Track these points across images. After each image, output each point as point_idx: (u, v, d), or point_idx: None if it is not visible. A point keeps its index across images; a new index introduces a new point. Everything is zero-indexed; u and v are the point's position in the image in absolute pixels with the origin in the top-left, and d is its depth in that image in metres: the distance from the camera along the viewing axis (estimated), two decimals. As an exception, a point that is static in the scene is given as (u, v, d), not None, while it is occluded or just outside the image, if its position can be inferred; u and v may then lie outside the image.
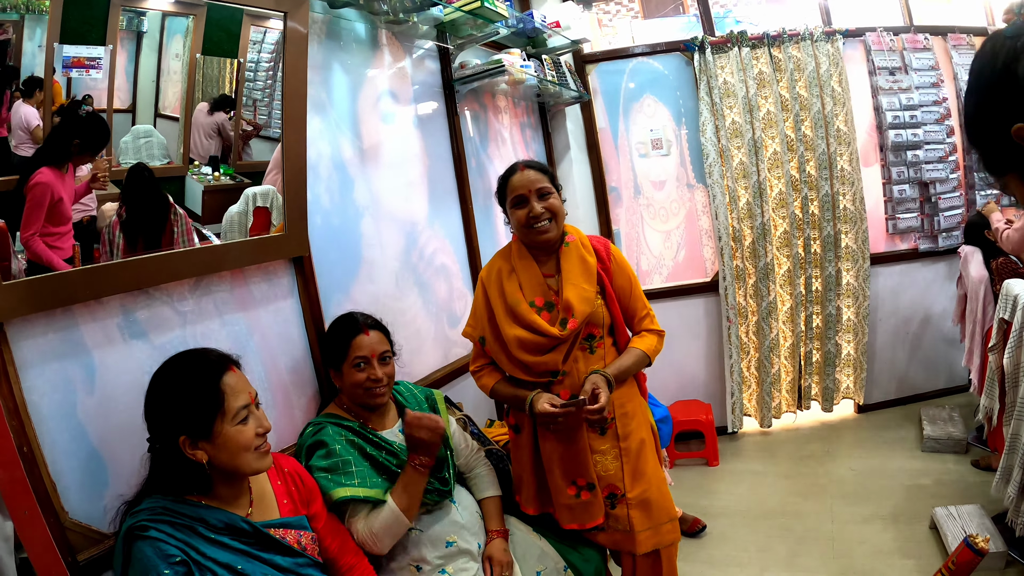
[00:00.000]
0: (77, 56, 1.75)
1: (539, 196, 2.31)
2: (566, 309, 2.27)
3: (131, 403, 1.70)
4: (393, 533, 1.96)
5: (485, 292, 2.42)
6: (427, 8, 2.84)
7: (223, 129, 2.20)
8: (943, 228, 4.76)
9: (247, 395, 1.58)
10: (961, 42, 4.85)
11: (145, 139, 1.95)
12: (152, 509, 1.49)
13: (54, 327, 1.60)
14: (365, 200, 2.68)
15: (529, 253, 2.40)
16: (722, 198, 4.53)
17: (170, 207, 1.95)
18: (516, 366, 2.32)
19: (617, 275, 2.44)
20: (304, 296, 2.32)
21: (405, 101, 3.02)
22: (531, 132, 4.32)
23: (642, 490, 2.36)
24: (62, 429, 1.59)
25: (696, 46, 4.50)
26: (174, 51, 2.02)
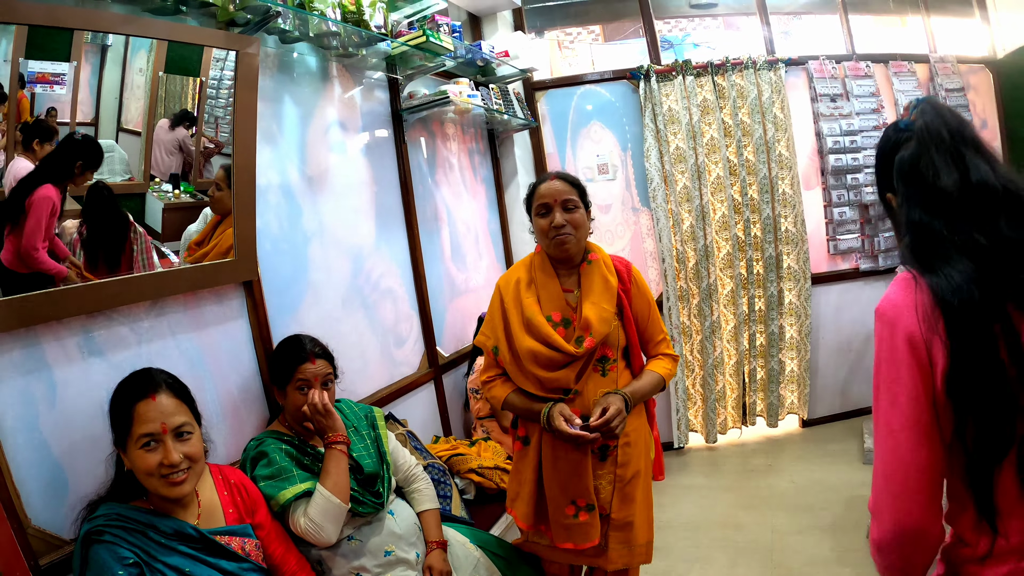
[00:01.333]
0: (42, 71, 1.82)
1: (564, 208, 2.32)
2: (584, 327, 2.29)
3: (90, 417, 1.88)
4: (330, 516, 2.07)
5: (502, 301, 2.43)
6: (375, 43, 3.02)
7: (184, 146, 2.27)
8: (883, 248, 5.04)
9: (158, 425, 1.68)
10: (902, 69, 5.15)
11: (107, 154, 2.01)
12: (108, 515, 1.66)
13: (19, 344, 1.76)
14: (313, 226, 2.85)
15: (551, 266, 2.42)
16: (666, 221, 4.75)
17: (130, 225, 2.06)
18: (528, 379, 2.34)
19: (637, 298, 2.47)
20: (254, 318, 2.48)
21: (354, 130, 3.19)
22: (479, 158, 4.50)
23: (627, 513, 2.40)
24: (25, 441, 1.75)
25: (642, 74, 4.74)
26: (138, 66, 2.08)
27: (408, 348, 3.46)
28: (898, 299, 1.27)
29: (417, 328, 3.55)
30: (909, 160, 1.33)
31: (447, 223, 3.96)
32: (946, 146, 1.28)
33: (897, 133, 1.39)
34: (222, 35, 2.31)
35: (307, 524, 2.05)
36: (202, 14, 2.34)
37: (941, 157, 1.28)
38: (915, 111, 1.35)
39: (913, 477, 1.20)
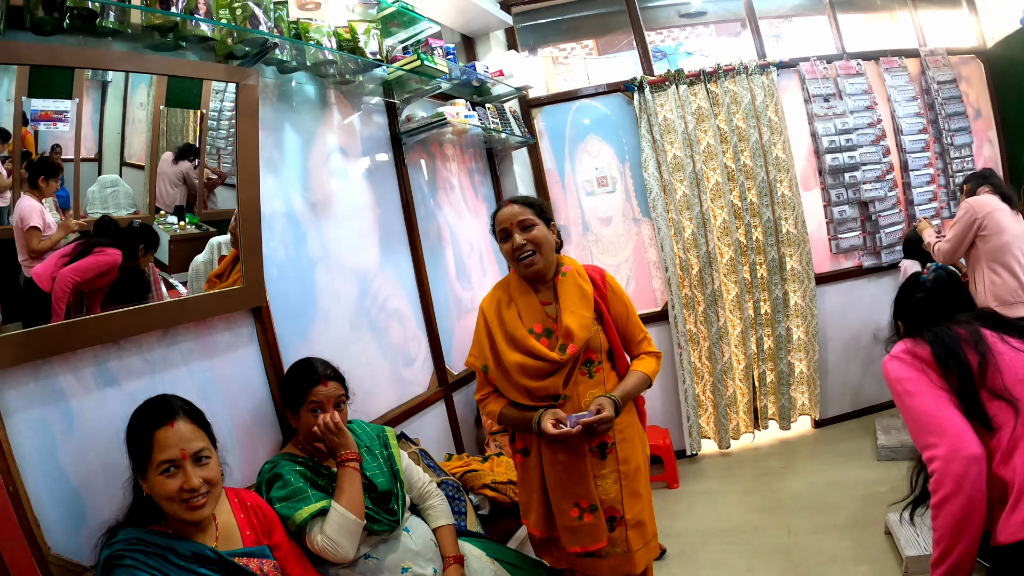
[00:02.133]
0: (45, 109, 1.87)
1: (521, 228, 2.41)
2: (565, 335, 2.37)
3: (106, 445, 1.91)
4: (346, 532, 2.10)
5: (486, 321, 2.52)
6: (371, 69, 3.07)
7: (188, 178, 2.32)
8: (885, 244, 5.06)
9: (178, 451, 1.72)
10: (893, 64, 5.19)
11: (112, 188, 2.06)
12: (127, 540, 1.69)
13: (35, 376, 1.80)
14: (318, 251, 2.89)
15: (527, 283, 2.51)
16: (667, 230, 4.78)
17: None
18: (518, 391, 2.42)
19: (613, 302, 2.56)
20: (264, 343, 2.52)
21: (354, 155, 3.24)
22: (479, 177, 4.54)
23: (638, 510, 2.47)
24: (44, 470, 1.79)
25: (635, 86, 4.78)
26: (139, 100, 2.12)
27: (417, 368, 3.48)
28: (900, 348, 2.03)
29: (425, 347, 3.58)
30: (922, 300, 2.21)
31: (450, 242, 3.99)
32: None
33: (920, 283, 2.23)
34: (222, 68, 2.36)
35: (324, 541, 2.07)
36: (201, 48, 2.40)
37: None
38: (932, 273, 2.23)
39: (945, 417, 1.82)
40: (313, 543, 2.09)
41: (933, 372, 1.92)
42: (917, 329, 2.06)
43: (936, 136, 5.28)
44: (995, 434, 1.80)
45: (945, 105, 5.21)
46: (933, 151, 5.25)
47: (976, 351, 1.91)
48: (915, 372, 1.94)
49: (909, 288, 2.26)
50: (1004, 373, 1.86)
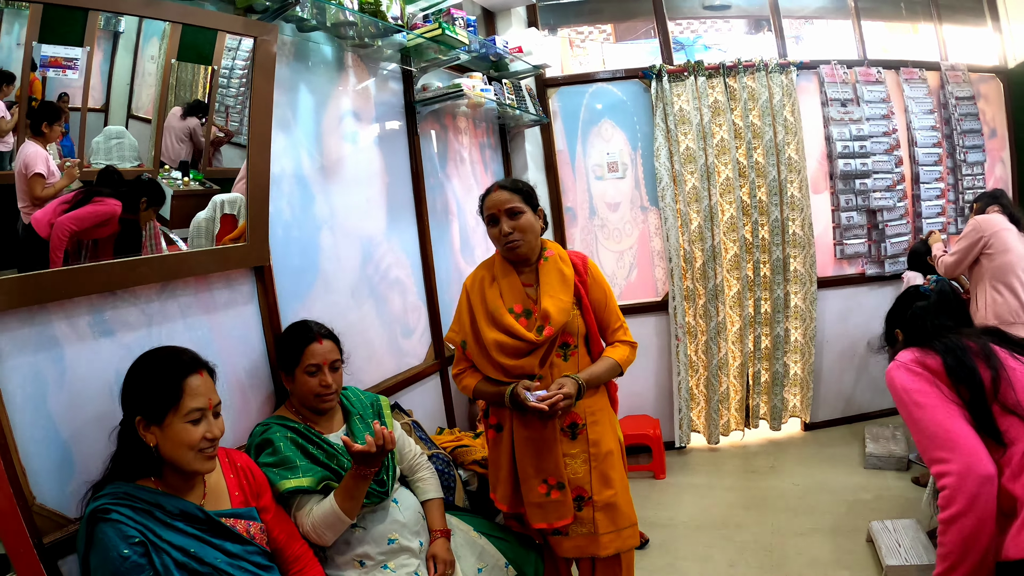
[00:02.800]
0: (55, 56, 1.82)
1: (509, 215, 2.45)
2: (543, 317, 2.41)
3: (98, 397, 1.88)
4: (334, 529, 2.10)
5: (468, 298, 2.57)
6: (391, 34, 3.01)
7: (195, 134, 2.28)
8: (889, 254, 5.03)
9: (206, 400, 1.73)
10: (913, 76, 5.14)
11: (116, 140, 2.02)
12: (115, 494, 1.65)
13: (29, 322, 1.75)
14: (325, 214, 2.84)
15: (510, 264, 2.55)
16: (674, 221, 4.75)
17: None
18: (495, 368, 2.46)
19: (593, 288, 2.59)
20: (264, 303, 2.48)
21: (367, 121, 3.19)
22: (490, 152, 4.49)
23: (609, 494, 2.49)
24: (33, 419, 1.74)
25: (654, 74, 4.73)
26: (150, 53, 2.07)
27: (415, 339, 3.46)
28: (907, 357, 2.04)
29: (425, 319, 3.55)
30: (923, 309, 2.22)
31: (457, 216, 3.96)
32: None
33: (920, 294, 2.26)
34: (241, 21, 2.29)
35: (310, 526, 2.08)
36: (220, 0, 2.34)
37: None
38: (935, 283, 2.28)
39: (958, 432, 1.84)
40: (301, 523, 2.09)
41: (944, 384, 1.91)
42: (925, 339, 2.06)
43: (950, 151, 5.25)
44: (1006, 449, 1.82)
45: (961, 121, 5.18)
46: (945, 166, 5.22)
47: (989, 365, 1.89)
48: (925, 383, 1.93)
49: (909, 297, 2.28)
50: (1017, 388, 1.85)
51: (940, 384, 1.92)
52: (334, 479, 2.17)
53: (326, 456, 2.21)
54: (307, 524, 2.08)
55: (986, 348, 1.94)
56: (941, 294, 2.21)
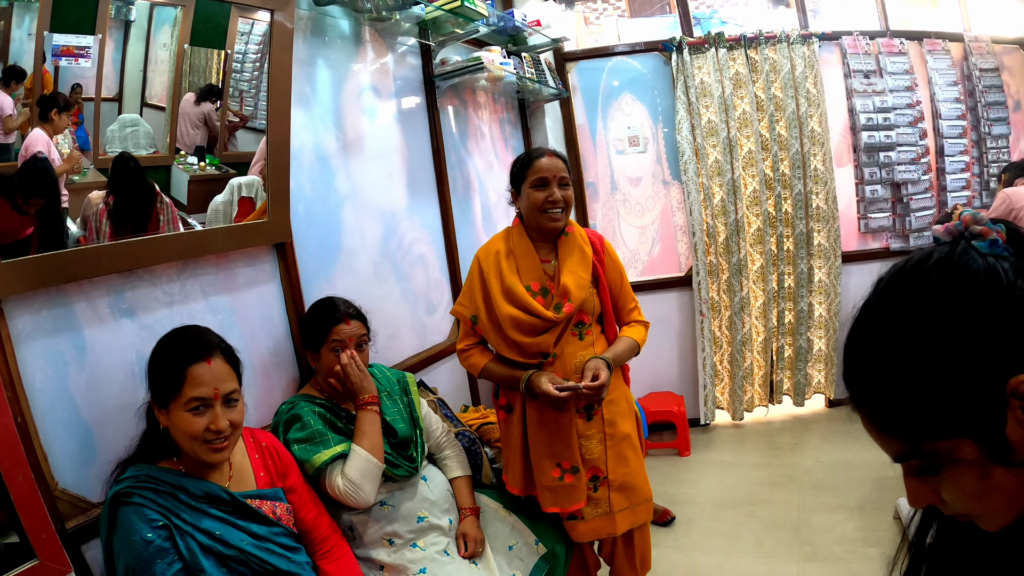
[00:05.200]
0: (67, 45, 1.78)
1: (560, 184, 2.40)
2: (562, 294, 2.35)
3: (119, 379, 1.83)
4: (369, 476, 2.05)
5: (481, 271, 2.48)
6: (409, 7, 2.93)
7: (209, 119, 2.24)
8: (914, 228, 4.90)
9: (211, 390, 1.64)
10: (936, 47, 5.00)
11: (131, 128, 1.99)
12: (137, 477, 1.61)
13: (48, 304, 1.70)
14: (346, 190, 2.78)
15: (529, 238, 2.49)
16: (697, 195, 4.65)
17: (156, 195, 2.01)
18: (509, 346, 2.39)
19: (610, 268, 2.54)
20: (286, 281, 2.43)
21: (387, 96, 3.12)
22: (510, 128, 4.42)
23: (624, 473, 2.46)
24: (54, 402, 1.69)
25: (674, 46, 4.62)
26: (161, 41, 2.04)
27: (439, 316, 3.40)
28: None
29: (448, 295, 3.49)
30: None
31: (478, 191, 3.90)
32: None
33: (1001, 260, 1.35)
34: (256, -9, 2.24)
35: (346, 485, 2.02)
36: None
37: None
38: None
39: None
40: (334, 487, 2.03)
41: None
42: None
43: (974, 124, 5.11)
44: None
45: (986, 93, 5.03)
46: (970, 138, 5.08)
47: None
48: None
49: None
50: None
51: None
52: None
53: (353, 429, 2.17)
54: (341, 484, 2.02)
55: None
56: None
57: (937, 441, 0.80)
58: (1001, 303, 0.76)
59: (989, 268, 0.78)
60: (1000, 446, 0.76)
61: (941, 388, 0.77)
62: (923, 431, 0.80)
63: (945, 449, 0.80)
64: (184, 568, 1.57)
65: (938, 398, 0.78)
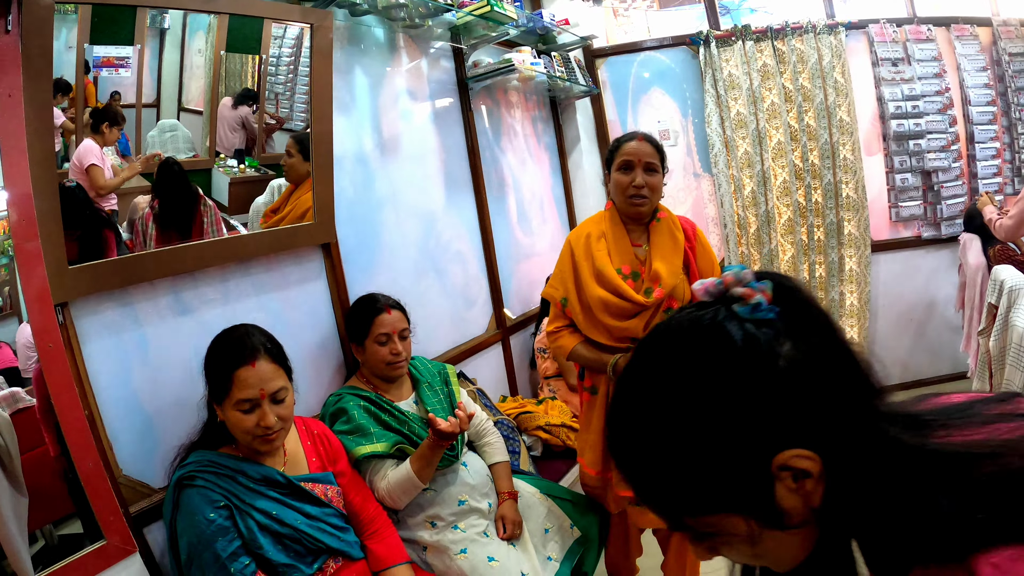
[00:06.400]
0: (107, 56, 1.85)
1: (645, 169, 2.35)
2: (654, 279, 2.33)
3: (178, 373, 1.94)
4: (408, 492, 2.14)
5: (572, 254, 2.44)
6: (441, 13, 3.01)
7: (247, 123, 2.30)
8: (946, 216, 4.85)
9: (257, 391, 1.73)
10: (964, 33, 4.93)
11: (171, 133, 2.06)
12: (199, 461, 1.73)
13: (112, 305, 1.82)
14: (386, 191, 2.87)
15: (621, 221, 2.45)
16: (727, 187, 4.67)
17: (199, 199, 2.10)
18: (597, 329, 2.37)
19: (701, 255, 2.50)
20: (332, 279, 2.53)
21: (422, 99, 3.20)
22: (542, 125, 4.46)
23: None
24: (118, 396, 1.82)
25: (701, 40, 4.63)
26: (196, 47, 2.10)
27: (477, 309, 3.47)
28: None
29: (486, 290, 3.56)
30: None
31: (513, 189, 3.95)
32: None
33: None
34: (297, 9, 2.33)
35: (386, 490, 2.13)
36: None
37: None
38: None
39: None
40: (374, 486, 2.14)
41: None
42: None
43: (1004, 109, 5.01)
44: None
45: (1015, 78, 4.94)
46: (1000, 124, 5.00)
47: None
48: None
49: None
50: None
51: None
52: (406, 443, 2.21)
53: (397, 423, 2.25)
54: (382, 488, 2.12)
55: None
56: None
57: (702, 517, 0.78)
58: (759, 376, 0.72)
59: (747, 337, 0.74)
60: (772, 514, 0.74)
61: (700, 465, 0.74)
62: (685, 507, 0.78)
63: (712, 523, 0.77)
64: (243, 545, 1.69)
65: (698, 475, 0.75)
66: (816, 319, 0.78)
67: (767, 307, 0.75)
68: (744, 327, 0.73)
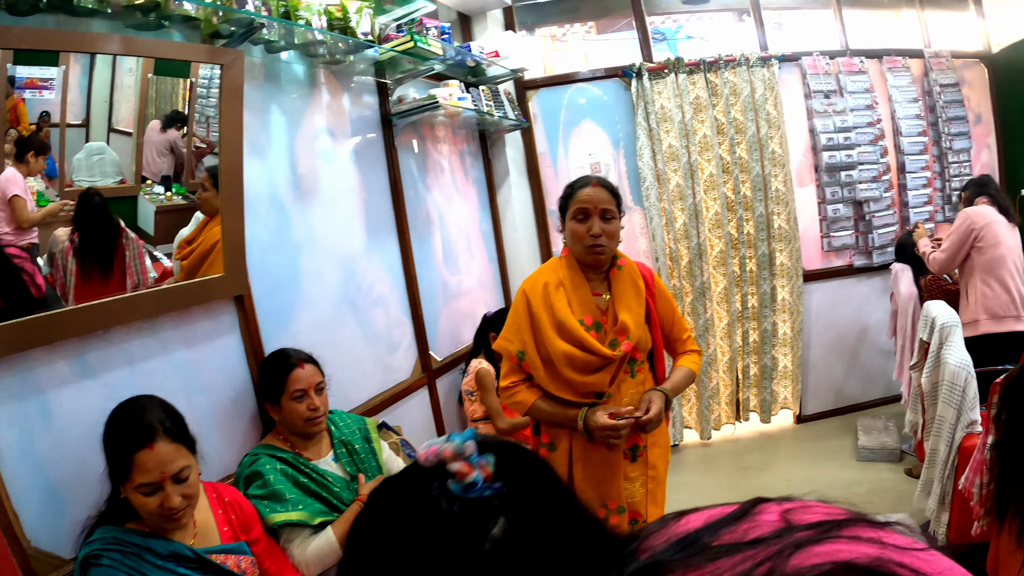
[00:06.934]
0: (30, 77, 1.82)
1: (602, 217, 2.33)
2: (620, 331, 2.31)
3: (84, 439, 1.90)
4: (326, 563, 2.14)
5: (528, 304, 2.39)
6: (362, 50, 3.02)
7: (176, 147, 2.27)
8: (877, 245, 5.11)
9: (157, 474, 1.69)
10: (896, 64, 5.20)
11: (98, 156, 2.02)
12: (104, 539, 1.71)
13: (12, 370, 1.79)
14: (303, 236, 2.86)
15: (580, 270, 2.41)
16: (659, 220, 4.81)
17: (121, 231, 2.07)
18: (559, 383, 2.34)
19: (661, 301, 2.51)
20: (245, 332, 2.51)
21: (343, 137, 3.21)
22: (471, 159, 4.52)
23: (657, 514, 2.42)
24: (22, 465, 1.78)
25: (634, 72, 4.78)
26: (127, 66, 2.08)
27: (401, 354, 3.49)
28: None
29: (410, 333, 3.59)
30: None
31: (439, 227, 3.99)
32: None
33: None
34: (205, 49, 2.32)
35: (301, 559, 2.12)
36: (186, 27, 2.34)
37: None
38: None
39: None
40: (290, 553, 2.13)
41: None
42: None
43: (935, 139, 5.31)
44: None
45: (946, 108, 5.24)
46: (931, 154, 5.29)
47: None
48: None
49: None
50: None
51: None
52: (328, 512, 2.21)
53: (316, 484, 2.25)
54: (298, 557, 2.12)
55: None
56: None
57: None
58: (462, 559, 0.69)
59: (453, 519, 0.71)
60: None
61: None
62: None
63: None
64: (154, 625, 1.69)
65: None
66: (545, 490, 0.77)
67: (483, 485, 0.72)
68: (453, 507, 0.70)
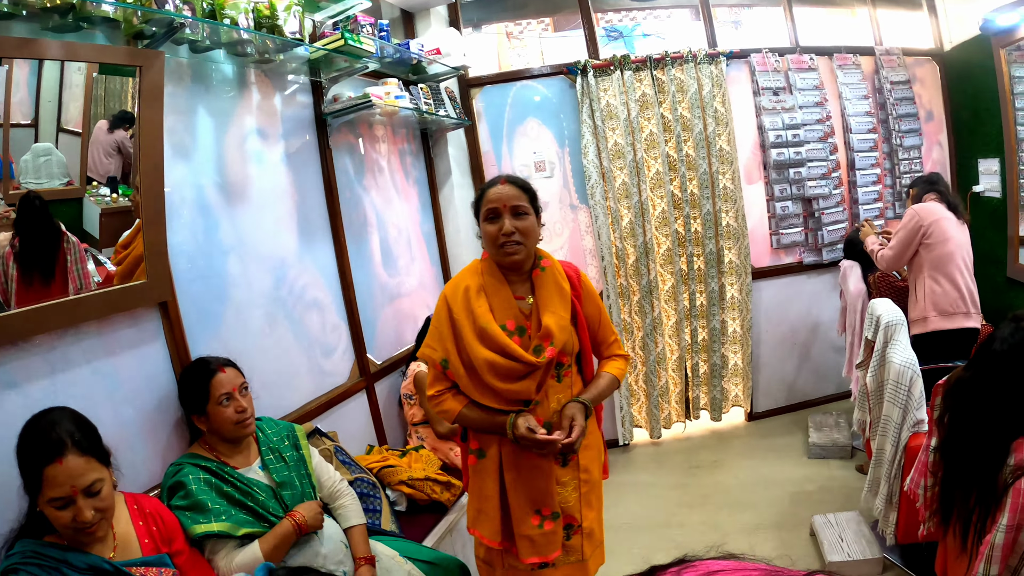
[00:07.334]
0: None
1: (513, 214, 2.26)
2: (544, 337, 2.25)
3: (5, 452, 1.87)
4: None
5: (450, 310, 2.33)
6: (291, 48, 3.01)
7: (123, 147, 2.27)
8: (827, 242, 5.23)
9: (68, 488, 1.70)
10: (847, 61, 5.31)
11: (45, 158, 2.02)
12: (23, 552, 1.72)
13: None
14: (231, 240, 2.87)
15: (501, 273, 2.35)
16: (604, 218, 4.88)
17: (62, 236, 2.07)
18: (484, 392, 2.28)
19: (587, 303, 2.46)
20: (170, 339, 2.52)
21: (274, 138, 3.21)
22: (411, 159, 4.54)
23: (592, 518, 2.45)
24: None
25: (579, 70, 4.83)
26: (76, 64, 2.08)
27: (337, 358, 3.51)
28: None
29: (346, 337, 3.60)
30: None
31: (377, 228, 4.01)
32: None
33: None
34: (123, 51, 2.31)
35: (227, 573, 2.12)
36: (108, 28, 2.32)
37: None
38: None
39: None
40: (215, 565, 2.14)
41: None
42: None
43: (886, 136, 5.44)
44: None
45: (897, 106, 5.36)
46: (881, 151, 5.42)
47: None
48: None
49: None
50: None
51: None
52: (254, 522, 2.23)
53: (240, 494, 2.25)
54: (223, 569, 2.12)
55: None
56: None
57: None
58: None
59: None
60: None
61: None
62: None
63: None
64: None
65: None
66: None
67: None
68: None
